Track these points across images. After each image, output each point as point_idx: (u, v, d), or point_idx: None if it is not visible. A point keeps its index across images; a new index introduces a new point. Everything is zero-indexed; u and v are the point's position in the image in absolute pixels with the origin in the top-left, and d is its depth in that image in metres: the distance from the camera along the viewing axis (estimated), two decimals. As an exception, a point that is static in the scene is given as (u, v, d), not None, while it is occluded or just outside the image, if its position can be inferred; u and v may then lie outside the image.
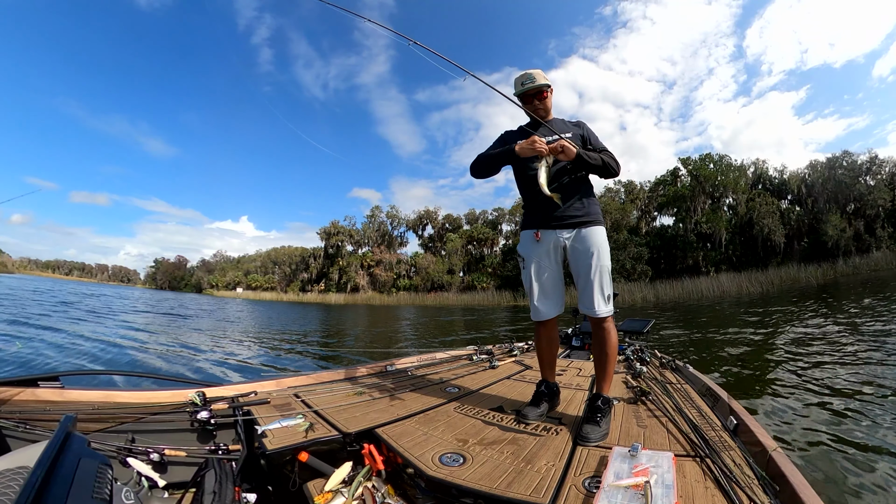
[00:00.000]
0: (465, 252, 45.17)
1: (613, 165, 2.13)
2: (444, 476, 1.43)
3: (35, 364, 6.23)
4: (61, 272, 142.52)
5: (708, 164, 33.80)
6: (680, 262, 31.69)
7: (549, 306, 2.20)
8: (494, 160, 2.22)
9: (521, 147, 2.05)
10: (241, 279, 62.39)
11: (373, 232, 51.04)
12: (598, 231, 2.10)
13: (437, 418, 2.06)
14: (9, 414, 1.63)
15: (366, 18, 2.60)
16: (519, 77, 2.21)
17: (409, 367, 3.24)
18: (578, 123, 2.27)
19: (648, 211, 38.96)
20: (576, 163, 2.06)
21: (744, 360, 6.12)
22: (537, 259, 2.17)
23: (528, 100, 2.20)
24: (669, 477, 1.31)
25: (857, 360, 5.45)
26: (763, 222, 30.05)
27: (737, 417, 1.85)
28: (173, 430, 1.89)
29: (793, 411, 3.80)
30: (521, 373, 3.26)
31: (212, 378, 5.85)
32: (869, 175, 30.72)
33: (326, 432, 1.79)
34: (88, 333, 9.74)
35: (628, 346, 3.96)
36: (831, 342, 6.86)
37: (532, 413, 2.04)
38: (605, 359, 2.08)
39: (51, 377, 1.90)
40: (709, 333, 9.49)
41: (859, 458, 2.81)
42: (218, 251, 79.75)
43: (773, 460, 1.41)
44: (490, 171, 2.27)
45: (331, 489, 1.48)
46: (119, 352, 7.78)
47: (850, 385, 4.43)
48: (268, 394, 2.28)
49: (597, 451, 1.64)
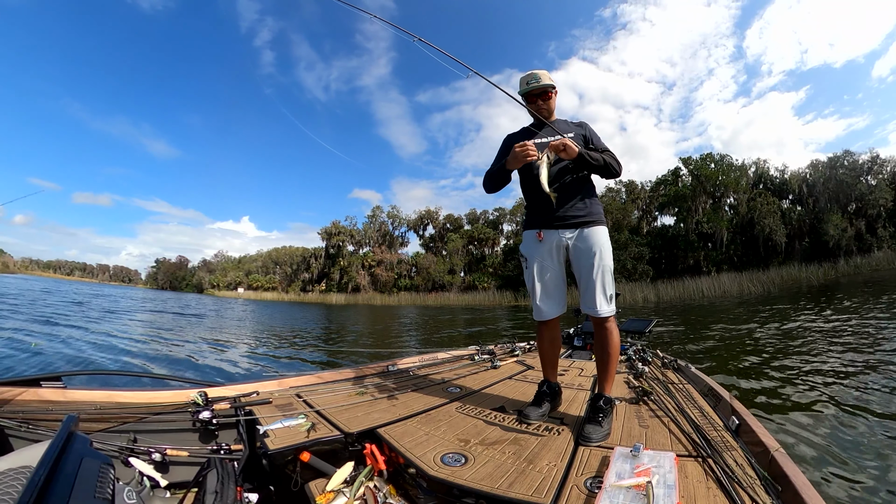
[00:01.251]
0: (466, 252, 45.15)
1: (615, 165, 2.13)
2: (445, 476, 1.43)
3: (53, 363, 6.30)
4: (62, 272, 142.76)
5: (709, 164, 33.73)
6: (681, 261, 31.64)
7: (551, 306, 2.20)
8: (498, 176, 2.25)
9: (509, 160, 2.08)
10: (242, 279, 62.42)
11: (374, 232, 51.04)
12: (600, 231, 2.10)
13: (438, 418, 2.06)
14: (11, 414, 1.64)
15: (374, 15, 2.61)
16: (524, 76, 2.21)
17: (410, 367, 3.24)
18: (581, 124, 2.27)
19: (649, 211, 38.89)
20: (577, 162, 2.06)
21: (745, 360, 6.11)
22: (539, 259, 2.17)
23: (533, 100, 2.20)
24: (671, 477, 1.31)
25: (859, 360, 5.44)
26: (764, 222, 29.97)
27: (739, 417, 1.85)
28: (175, 430, 1.90)
29: (795, 411, 3.79)
30: (523, 373, 3.26)
31: (214, 378, 5.85)
32: (870, 174, 30.62)
33: (328, 432, 1.79)
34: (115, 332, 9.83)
35: (630, 345, 3.96)
36: (833, 342, 6.85)
37: (534, 413, 2.04)
38: (607, 359, 2.08)
39: (53, 377, 1.91)
40: (710, 333, 9.48)
41: (862, 459, 2.81)
42: (219, 251, 79.80)
43: (776, 460, 1.41)
44: (499, 186, 2.31)
45: (332, 489, 1.49)
46: (122, 352, 7.79)
47: (852, 385, 4.42)
48: (270, 394, 2.29)
49: (598, 452, 1.64)
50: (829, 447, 3.02)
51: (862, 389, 4.24)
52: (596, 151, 2.14)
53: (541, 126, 2.22)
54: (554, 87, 2.19)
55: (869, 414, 3.57)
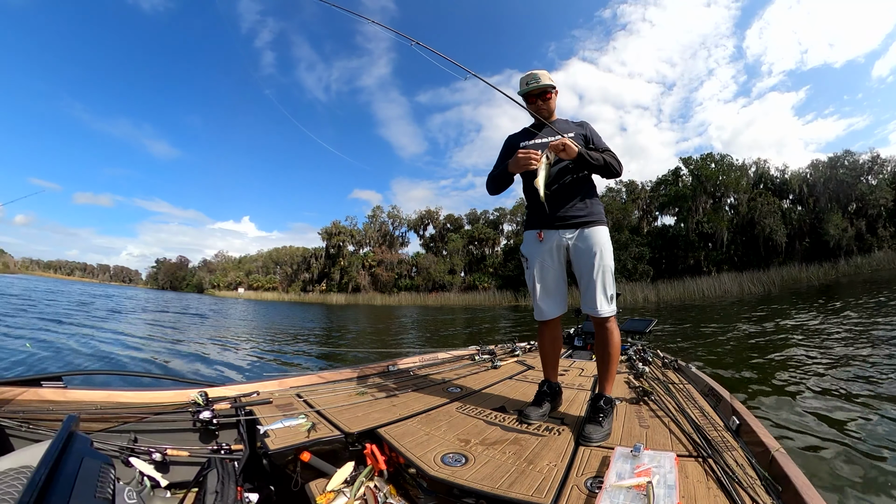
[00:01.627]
0: (466, 252, 45.14)
1: (615, 165, 2.13)
2: (446, 476, 1.43)
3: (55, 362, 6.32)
4: (63, 272, 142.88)
5: (709, 164, 33.71)
6: (681, 261, 31.61)
7: (552, 306, 2.20)
8: (500, 179, 2.28)
9: (511, 164, 2.12)
10: (242, 279, 62.47)
11: (374, 232, 51.02)
12: (600, 231, 2.10)
13: (439, 418, 2.06)
14: (12, 413, 1.64)
15: (370, 20, 2.62)
16: (524, 77, 2.21)
17: (411, 367, 3.24)
18: (582, 123, 2.27)
19: (650, 210, 38.87)
20: (577, 162, 2.06)
21: (746, 360, 6.10)
22: (540, 259, 2.17)
23: (532, 100, 2.20)
24: (672, 477, 1.31)
25: (860, 360, 5.43)
26: (764, 222, 29.95)
27: (739, 417, 1.85)
28: (175, 430, 1.90)
29: (796, 411, 3.79)
30: (524, 373, 3.26)
31: (214, 378, 5.86)
32: (871, 174, 30.61)
33: (328, 432, 1.79)
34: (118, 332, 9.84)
35: (630, 345, 3.96)
36: (834, 342, 6.84)
37: (534, 413, 2.04)
38: (608, 359, 2.08)
39: (54, 377, 1.91)
40: (711, 333, 9.48)
41: (863, 460, 2.80)
42: (219, 251, 79.76)
43: (776, 461, 1.40)
44: (502, 188, 2.33)
45: (333, 489, 1.49)
46: (123, 351, 7.80)
47: (853, 385, 4.42)
48: (270, 394, 2.29)
49: (599, 452, 1.64)
50: (830, 447, 3.01)
51: (864, 389, 4.23)
52: (596, 151, 2.14)
53: (541, 126, 2.22)
54: (554, 87, 2.19)
55: (871, 413, 3.57)
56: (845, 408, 3.76)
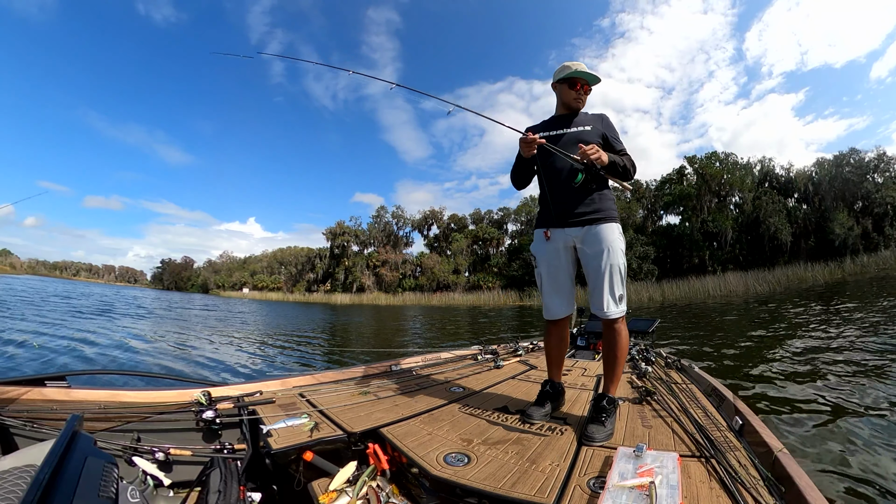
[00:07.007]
0: (470, 252, 45.12)
1: (630, 170, 2.12)
2: (448, 476, 1.43)
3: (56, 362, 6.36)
4: (69, 273, 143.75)
5: (714, 163, 33.52)
6: (686, 261, 31.43)
7: (559, 305, 2.19)
8: (518, 168, 2.27)
9: (521, 149, 2.12)
10: (247, 279, 62.71)
11: (378, 232, 51.04)
12: (609, 228, 2.05)
13: (441, 418, 2.06)
14: (16, 413, 1.65)
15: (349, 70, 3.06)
16: (570, 63, 2.16)
17: (413, 366, 3.24)
18: (600, 116, 2.24)
19: (654, 210, 38.68)
20: (606, 168, 2.04)
21: (750, 360, 6.07)
22: (548, 258, 2.17)
23: (579, 86, 2.15)
24: (674, 477, 1.30)
25: (864, 360, 5.39)
26: (770, 221, 29.73)
27: (742, 418, 1.84)
28: (179, 430, 1.91)
29: (799, 411, 3.76)
30: (526, 373, 3.25)
31: (217, 378, 5.89)
32: (877, 172, 30.31)
33: (331, 432, 1.79)
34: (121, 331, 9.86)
35: (633, 345, 3.95)
36: (838, 342, 6.79)
37: (537, 413, 2.03)
38: (615, 360, 2.06)
39: (57, 377, 1.92)
40: (715, 333, 9.43)
41: (867, 460, 2.78)
42: (224, 252, 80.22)
43: (779, 461, 1.39)
44: (523, 178, 2.32)
45: (335, 488, 1.49)
46: (126, 351, 7.85)
47: (858, 385, 4.38)
48: (273, 393, 2.29)
49: (601, 452, 1.64)
50: (833, 448, 2.99)
51: (867, 389, 4.20)
52: (615, 153, 2.12)
53: (562, 117, 2.21)
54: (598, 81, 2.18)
55: (875, 414, 3.54)
56: (851, 408, 3.73)
